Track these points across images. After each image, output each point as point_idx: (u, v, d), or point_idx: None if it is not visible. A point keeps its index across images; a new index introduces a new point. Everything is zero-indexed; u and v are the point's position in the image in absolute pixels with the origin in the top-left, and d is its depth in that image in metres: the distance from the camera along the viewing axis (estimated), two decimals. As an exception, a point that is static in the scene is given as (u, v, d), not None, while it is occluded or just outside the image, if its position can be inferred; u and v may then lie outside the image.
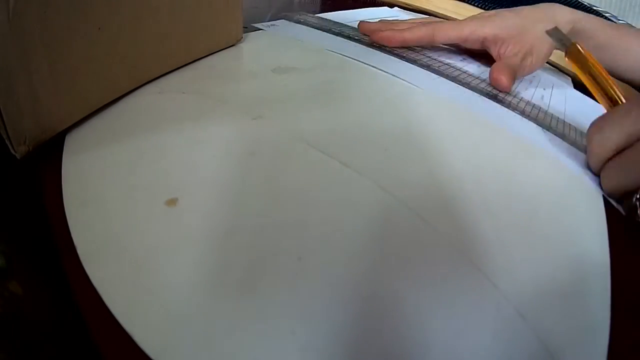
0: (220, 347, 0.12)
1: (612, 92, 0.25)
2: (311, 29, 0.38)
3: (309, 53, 0.32)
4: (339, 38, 0.36)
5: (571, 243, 0.18)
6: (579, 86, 0.35)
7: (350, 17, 0.44)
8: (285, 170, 0.19)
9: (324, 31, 0.37)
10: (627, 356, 0.14)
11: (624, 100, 0.24)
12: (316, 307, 0.13)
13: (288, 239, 0.16)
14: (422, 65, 0.33)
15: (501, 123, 0.26)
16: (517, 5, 0.44)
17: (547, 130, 0.26)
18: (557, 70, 0.42)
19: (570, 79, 0.39)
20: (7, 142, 0.17)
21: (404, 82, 0.29)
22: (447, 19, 0.50)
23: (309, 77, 0.28)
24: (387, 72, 0.30)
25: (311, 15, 0.42)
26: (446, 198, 0.19)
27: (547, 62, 0.43)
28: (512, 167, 0.22)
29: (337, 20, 0.41)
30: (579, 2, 0.45)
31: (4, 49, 0.15)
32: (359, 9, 0.49)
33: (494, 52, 0.34)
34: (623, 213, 0.19)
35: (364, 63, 0.31)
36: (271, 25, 0.37)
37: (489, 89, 0.31)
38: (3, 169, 0.18)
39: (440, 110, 0.27)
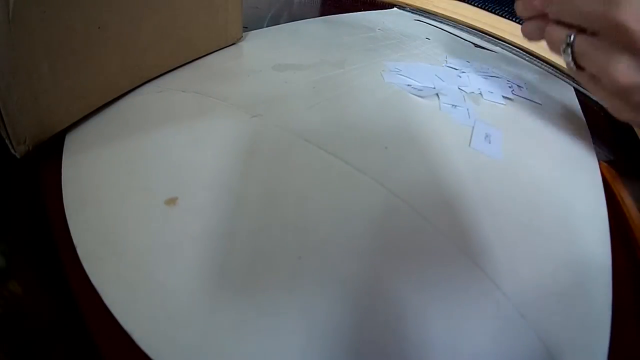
0: (220, 347, 0.12)
1: None
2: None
3: (309, 50, 0.32)
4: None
5: (573, 243, 0.18)
6: (581, 96, 0.35)
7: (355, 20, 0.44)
8: (285, 168, 0.19)
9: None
10: (627, 356, 0.14)
11: None
12: (316, 306, 0.13)
13: (288, 237, 0.16)
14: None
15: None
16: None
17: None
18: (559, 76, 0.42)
19: (572, 88, 0.39)
20: (7, 142, 0.17)
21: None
22: (448, 20, 0.50)
23: (309, 74, 0.28)
24: (387, 70, 0.30)
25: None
26: (447, 196, 0.19)
27: (552, 66, 0.42)
28: (514, 166, 0.22)
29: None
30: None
31: (4, 49, 0.15)
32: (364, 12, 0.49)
33: None
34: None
35: (365, 59, 0.31)
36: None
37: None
38: (3, 169, 0.18)
39: (440, 107, 0.27)
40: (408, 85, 0.28)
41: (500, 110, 0.28)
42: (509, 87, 0.32)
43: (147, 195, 0.17)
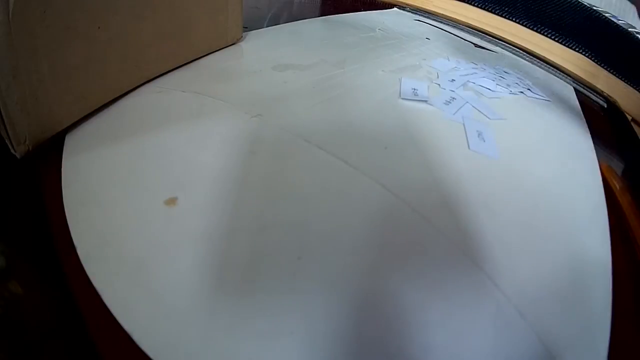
0: (220, 347, 0.12)
1: None
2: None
3: (309, 50, 0.32)
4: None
5: (573, 243, 0.18)
6: (581, 96, 0.35)
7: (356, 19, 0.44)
8: (285, 168, 0.19)
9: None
10: (627, 356, 0.14)
11: None
12: (316, 306, 0.13)
13: (287, 238, 0.16)
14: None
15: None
16: (516, 6, 0.44)
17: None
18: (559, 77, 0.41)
19: (572, 88, 0.39)
20: (7, 142, 0.17)
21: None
22: (448, 20, 0.50)
23: (308, 74, 0.28)
24: (386, 71, 0.30)
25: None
26: (447, 196, 0.19)
27: (552, 66, 0.42)
28: (514, 166, 0.22)
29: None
30: (579, 2, 0.45)
31: (4, 49, 0.15)
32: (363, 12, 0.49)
33: None
34: None
35: (365, 59, 0.31)
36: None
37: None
38: (3, 169, 0.18)
39: (439, 107, 0.27)
40: (406, 85, 0.28)
41: (499, 110, 0.28)
42: (509, 86, 0.32)
43: (147, 195, 0.17)
